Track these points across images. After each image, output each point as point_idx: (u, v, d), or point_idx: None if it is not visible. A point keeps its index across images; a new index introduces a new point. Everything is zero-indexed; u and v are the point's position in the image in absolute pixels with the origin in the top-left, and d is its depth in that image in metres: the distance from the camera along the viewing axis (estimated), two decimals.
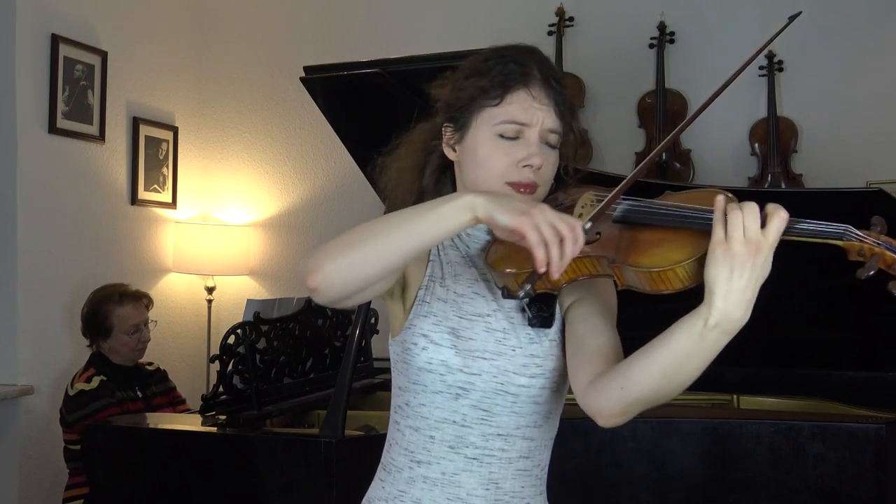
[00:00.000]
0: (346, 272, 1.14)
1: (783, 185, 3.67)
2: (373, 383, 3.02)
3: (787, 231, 1.03)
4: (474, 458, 1.28)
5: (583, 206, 1.26)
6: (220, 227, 4.43)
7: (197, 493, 2.37)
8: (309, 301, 2.74)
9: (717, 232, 1.02)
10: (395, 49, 2.47)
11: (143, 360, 3.31)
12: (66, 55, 3.67)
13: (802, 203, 1.19)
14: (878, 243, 1.05)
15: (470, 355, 1.26)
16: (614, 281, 1.17)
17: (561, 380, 1.30)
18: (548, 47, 4.05)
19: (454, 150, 1.32)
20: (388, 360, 1.40)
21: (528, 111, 1.25)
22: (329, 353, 2.90)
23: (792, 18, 1.26)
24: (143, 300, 3.28)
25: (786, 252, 1.05)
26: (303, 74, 2.40)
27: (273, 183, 4.48)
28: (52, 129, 3.61)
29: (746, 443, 2.19)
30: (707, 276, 1.03)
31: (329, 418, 2.21)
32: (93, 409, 2.99)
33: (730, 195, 1.10)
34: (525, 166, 1.25)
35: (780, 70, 3.79)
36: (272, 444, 2.32)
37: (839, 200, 2.33)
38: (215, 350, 2.61)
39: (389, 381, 1.41)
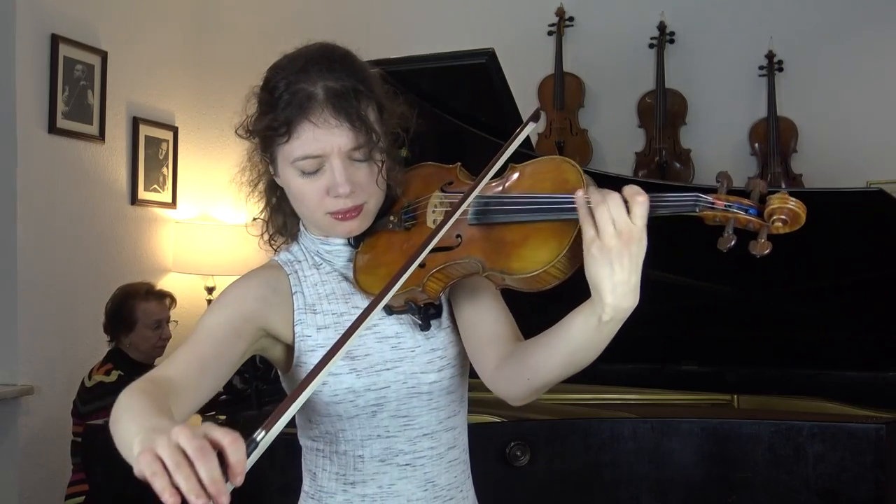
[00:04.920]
0: None
1: (783, 185, 3.66)
2: None
3: (651, 211, 1.00)
4: (407, 465, 1.27)
5: (434, 210, 1.22)
6: (220, 227, 4.43)
7: None
8: None
9: (588, 231, 1.00)
10: (395, 49, 2.47)
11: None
12: (66, 55, 3.67)
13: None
14: (729, 206, 0.98)
15: (372, 371, 1.23)
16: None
17: (464, 360, 1.30)
18: (548, 47, 4.05)
19: (277, 179, 1.27)
20: None
21: (318, 141, 1.16)
22: None
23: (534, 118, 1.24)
24: (166, 298, 3.37)
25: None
26: None
27: None
28: (52, 129, 3.61)
29: (746, 443, 2.18)
30: (589, 276, 1.00)
31: None
32: (109, 401, 2.99)
33: (586, 178, 1.07)
34: (336, 196, 1.19)
35: (780, 70, 3.79)
36: (272, 444, 2.31)
37: (839, 200, 2.32)
38: None
39: None
